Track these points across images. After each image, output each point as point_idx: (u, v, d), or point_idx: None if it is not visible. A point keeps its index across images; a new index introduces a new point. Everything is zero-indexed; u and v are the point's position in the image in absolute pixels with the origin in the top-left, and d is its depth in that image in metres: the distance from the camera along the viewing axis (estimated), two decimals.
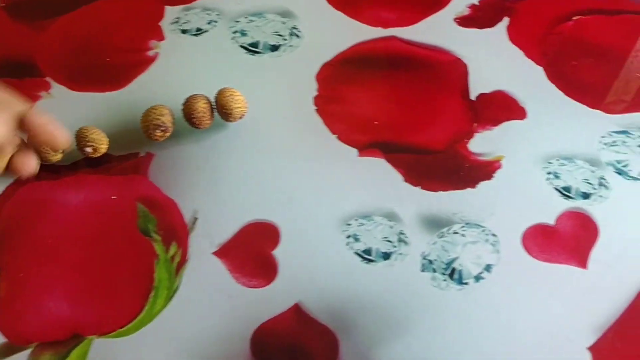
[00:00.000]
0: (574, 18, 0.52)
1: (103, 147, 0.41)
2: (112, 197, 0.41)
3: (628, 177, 0.41)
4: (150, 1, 0.54)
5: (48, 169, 0.42)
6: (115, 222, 0.40)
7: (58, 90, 0.47)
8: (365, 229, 0.39)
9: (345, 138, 0.44)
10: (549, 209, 0.40)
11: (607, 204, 0.40)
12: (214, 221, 0.40)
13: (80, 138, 0.41)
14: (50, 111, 0.45)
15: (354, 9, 0.53)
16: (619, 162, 0.42)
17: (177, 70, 0.48)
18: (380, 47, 0.50)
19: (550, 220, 0.39)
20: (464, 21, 0.51)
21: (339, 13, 0.52)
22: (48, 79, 0.48)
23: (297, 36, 0.51)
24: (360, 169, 0.42)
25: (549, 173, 0.41)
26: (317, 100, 0.46)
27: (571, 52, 0.49)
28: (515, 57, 0.49)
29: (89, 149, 0.41)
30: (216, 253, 0.38)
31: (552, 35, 0.50)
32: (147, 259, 0.38)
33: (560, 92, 0.46)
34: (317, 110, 0.45)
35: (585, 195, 0.40)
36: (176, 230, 0.39)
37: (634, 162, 0.42)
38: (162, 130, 0.42)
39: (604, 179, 0.41)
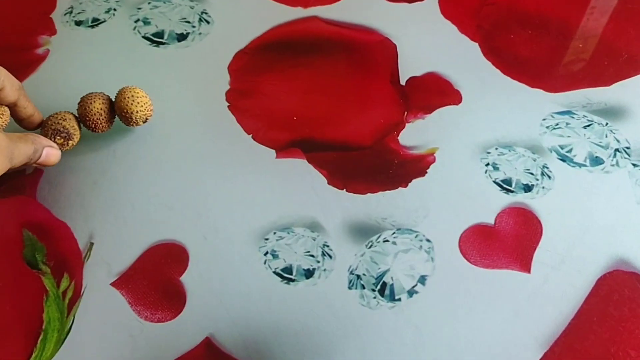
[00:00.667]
0: None
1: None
2: None
3: (573, 164, 0.37)
4: None
5: None
6: None
7: None
8: (284, 244, 0.35)
9: (262, 137, 0.39)
10: (488, 206, 0.36)
11: (550, 196, 0.36)
12: (112, 245, 0.35)
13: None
14: None
15: None
16: (562, 147, 0.38)
17: (71, 68, 0.42)
18: (300, 30, 0.44)
19: (490, 219, 0.35)
20: None
21: None
22: None
23: (207, 22, 0.45)
24: (278, 172, 0.37)
25: (487, 165, 0.37)
26: (230, 95, 0.41)
27: (508, 24, 0.44)
28: (448, 33, 0.44)
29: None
30: (114, 284, 0.33)
31: (487, 6, 0.45)
32: (34, 296, 0.33)
33: (498, 70, 0.42)
34: (230, 107, 0.40)
35: (527, 188, 0.36)
36: (68, 260, 0.34)
37: (578, 146, 0.38)
38: (62, 137, 0.36)
39: (546, 167, 0.37)
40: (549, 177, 0.37)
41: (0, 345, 0.31)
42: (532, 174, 0.37)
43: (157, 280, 0.34)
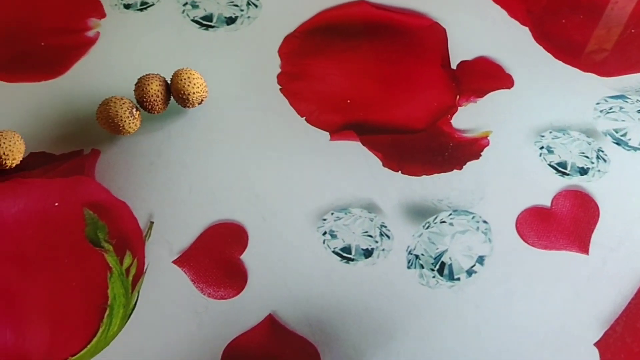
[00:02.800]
0: None
1: (9, 162, 0.36)
2: (55, 204, 0.36)
3: (628, 147, 0.38)
4: None
5: None
6: (59, 233, 0.35)
7: None
8: (342, 224, 0.35)
9: (315, 120, 0.39)
10: (544, 189, 0.36)
11: (606, 179, 0.36)
12: (172, 225, 0.35)
13: None
14: None
15: None
16: (617, 130, 0.38)
17: (122, 51, 0.43)
18: (349, 14, 0.44)
19: (546, 202, 0.35)
20: None
21: None
22: None
23: (255, 5, 0.45)
24: (333, 154, 0.38)
25: (541, 148, 0.37)
26: (281, 79, 0.41)
27: (559, 9, 0.44)
28: (498, 18, 0.44)
29: None
30: (177, 261, 0.34)
31: None
32: (98, 274, 0.34)
33: (549, 55, 0.42)
34: (282, 90, 0.41)
35: (583, 171, 0.37)
36: (130, 238, 0.35)
37: (633, 130, 0.38)
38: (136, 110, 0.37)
39: (602, 150, 0.37)
40: (605, 160, 0.37)
41: (68, 321, 0.32)
42: (587, 157, 0.37)
43: (217, 258, 0.34)
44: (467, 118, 0.39)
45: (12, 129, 0.38)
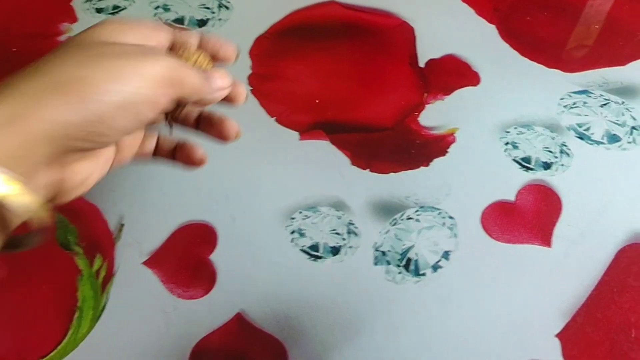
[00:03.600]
0: None
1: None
2: None
3: (591, 142, 0.38)
4: None
5: None
6: None
7: None
8: (310, 222, 0.35)
9: (285, 120, 0.39)
10: (509, 184, 0.36)
11: (569, 173, 0.37)
12: (142, 226, 0.36)
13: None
14: None
15: None
16: (580, 125, 0.39)
17: None
18: (319, 14, 0.45)
19: (511, 196, 0.36)
20: None
21: None
22: None
23: (227, 7, 0.46)
24: (302, 153, 0.38)
25: (506, 143, 0.38)
26: (252, 80, 0.41)
27: (525, 6, 0.45)
28: (465, 16, 0.45)
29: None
30: (146, 263, 0.34)
31: None
32: (68, 276, 0.34)
33: (515, 52, 0.42)
34: (253, 91, 0.41)
35: (546, 165, 0.37)
36: (100, 241, 0.35)
37: (596, 125, 0.39)
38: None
39: (565, 145, 0.38)
40: (568, 154, 0.38)
41: (38, 323, 0.32)
42: (551, 152, 0.38)
43: (187, 259, 0.34)
44: (434, 115, 0.39)
45: None
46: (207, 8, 0.46)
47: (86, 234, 0.35)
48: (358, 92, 0.41)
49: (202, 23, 0.45)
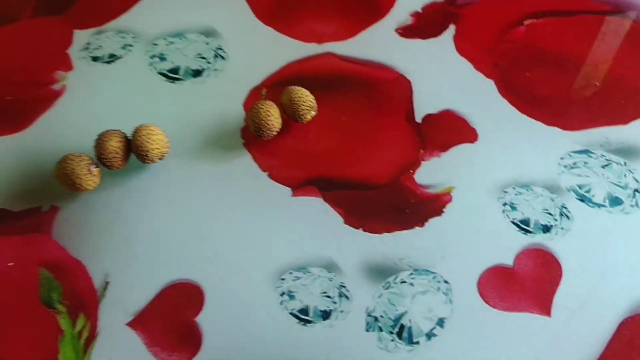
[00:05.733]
0: (526, 22, 0.47)
1: None
2: (9, 264, 0.35)
3: (591, 204, 0.37)
4: (57, 25, 0.48)
5: None
6: (12, 293, 0.34)
7: None
8: (301, 284, 0.34)
9: (277, 175, 0.39)
10: (507, 247, 0.35)
11: (569, 237, 0.36)
12: (127, 285, 0.34)
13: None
14: None
15: (285, 24, 0.47)
16: (580, 186, 0.38)
17: (87, 105, 0.43)
18: (315, 66, 0.45)
19: (509, 261, 0.35)
20: (406, 31, 0.47)
21: (269, 29, 0.47)
22: None
23: (222, 58, 0.45)
24: (294, 211, 0.37)
25: (504, 204, 0.37)
26: (244, 132, 0.41)
27: (524, 62, 0.44)
28: (463, 70, 0.44)
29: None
30: (131, 324, 0.33)
31: (503, 43, 0.46)
32: (49, 337, 0.33)
33: (514, 108, 0.42)
34: (245, 144, 0.40)
35: (546, 229, 0.36)
36: (84, 299, 0.34)
37: (597, 187, 0.38)
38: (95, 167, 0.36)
39: (565, 207, 0.37)
40: (568, 217, 0.36)
41: None
42: (550, 214, 0.37)
43: (172, 320, 0.33)
44: (430, 173, 0.38)
45: None
46: (203, 58, 0.45)
47: (70, 292, 0.34)
48: (352, 147, 0.40)
49: (197, 73, 0.44)
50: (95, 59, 0.46)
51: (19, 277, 0.35)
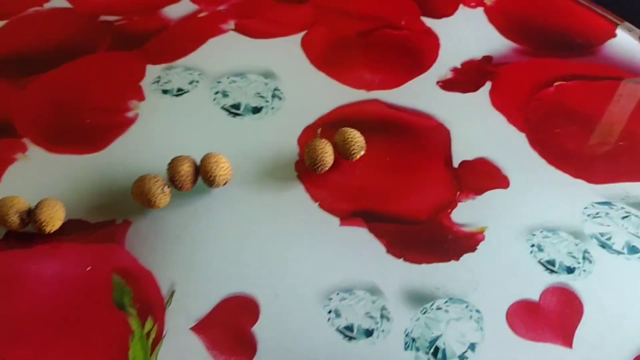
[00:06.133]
0: (556, 84, 0.52)
1: (48, 228, 0.40)
2: (87, 269, 0.40)
3: (612, 251, 0.41)
4: (133, 59, 0.53)
5: (20, 237, 0.41)
6: (89, 295, 0.38)
7: (34, 152, 0.46)
8: (347, 304, 0.38)
9: (327, 206, 0.43)
10: (533, 284, 0.39)
11: (591, 278, 0.39)
12: (191, 294, 0.39)
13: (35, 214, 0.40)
14: (25, 174, 0.45)
15: (337, 71, 0.53)
16: (602, 234, 0.42)
17: (157, 132, 0.48)
18: (363, 110, 0.49)
19: (535, 296, 0.39)
20: (446, 85, 0.52)
21: (322, 74, 0.52)
22: (25, 140, 0.47)
23: (279, 98, 0.50)
24: (342, 238, 0.41)
25: (532, 245, 0.41)
26: (299, 166, 0.45)
27: (554, 119, 0.49)
28: (498, 123, 0.49)
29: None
30: (194, 328, 0.37)
31: (535, 101, 0.50)
32: (121, 336, 0.37)
33: (543, 160, 0.46)
34: (299, 176, 0.45)
35: (570, 270, 0.40)
36: (152, 304, 0.38)
37: (617, 235, 0.42)
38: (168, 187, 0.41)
39: (587, 252, 0.41)
40: (590, 261, 0.40)
41: None
42: (574, 257, 0.40)
43: (231, 328, 0.37)
44: (465, 213, 0.43)
45: (55, 196, 0.42)
46: (262, 97, 0.50)
47: (140, 297, 0.38)
48: (395, 186, 0.44)
49: (256, 110, 0.49)
50: (165, 91, 0.51)
51: (96, 281, 0.39)
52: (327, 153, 0.43)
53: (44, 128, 0.48)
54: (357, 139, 0.44)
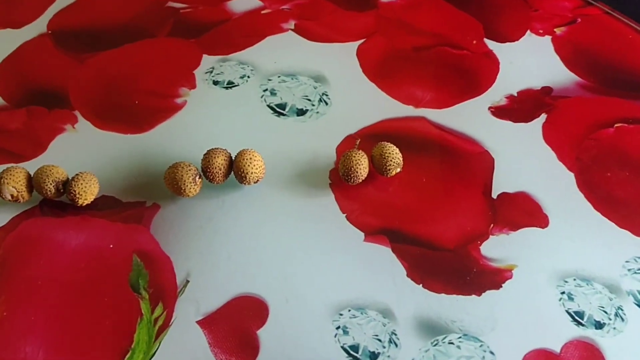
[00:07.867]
0: (617, 125, 0.49)
1: (81, 200, 0.41)
2: (110, 246, 0.41)
3: None
4: (189, 47, 0.54)
5: (55, 205, 0.42)
6: (107, 271, 0.39)
7: (83, 125, 0.48)
8: (356, 322, 0.37)
9: (354, 219, 0.42)
10: (556, 334, 0.37)
11: (620, 338, 0.37)
12: (204, 287, 0.39)
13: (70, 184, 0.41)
14: (70, 145, 0.46)
15: (388, 83, 0.52)
16: None
17: (201, 121, 0.48)
18: (408, 127, 0.48)
19: (556, 347, 0.36)
20: (498, 111, 0.50)
21: (373, 85, 0.51)
22: (76, 112, 0.49)
23: (326, 103, 0.50)
24: (363, 254, 0.40)
25: (562, 293, 0.39)
26: (333, 174, 0.45)
27: (607, 162, 0.46)
28: (546, 158, 0.46)
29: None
30: (200, 322, 0.37)
31: (590, 140, 0.48)
32: (130, 317, 0.37)
33: (589, 204, 0.43)
34: (331, 185, 0.44)
35: (599, 325, 0.37)
36: (165, 291, 0.39)
37: None
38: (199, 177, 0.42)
39: (621, 309, 0.38)
40: (622, 319, 0.38)
41: (95, 354, 0.36)
42: (606, 312, 0.38)
43: (237, 328, 0.37)
44: (496, 248, 0.41)
45: (93, 171, 0.43)
46: (309, 100, 0.50)
47: (155, 282, 0.39)
48: (427, 208, 0.43)
49: (301, 112, 0.49)
50: (215, 82, 0.51)
51: (116, 259, 0.40)
52: (361, 165, 0.42)
53: (96, 104, 0.49)
54: (394, 155, 0.43)
